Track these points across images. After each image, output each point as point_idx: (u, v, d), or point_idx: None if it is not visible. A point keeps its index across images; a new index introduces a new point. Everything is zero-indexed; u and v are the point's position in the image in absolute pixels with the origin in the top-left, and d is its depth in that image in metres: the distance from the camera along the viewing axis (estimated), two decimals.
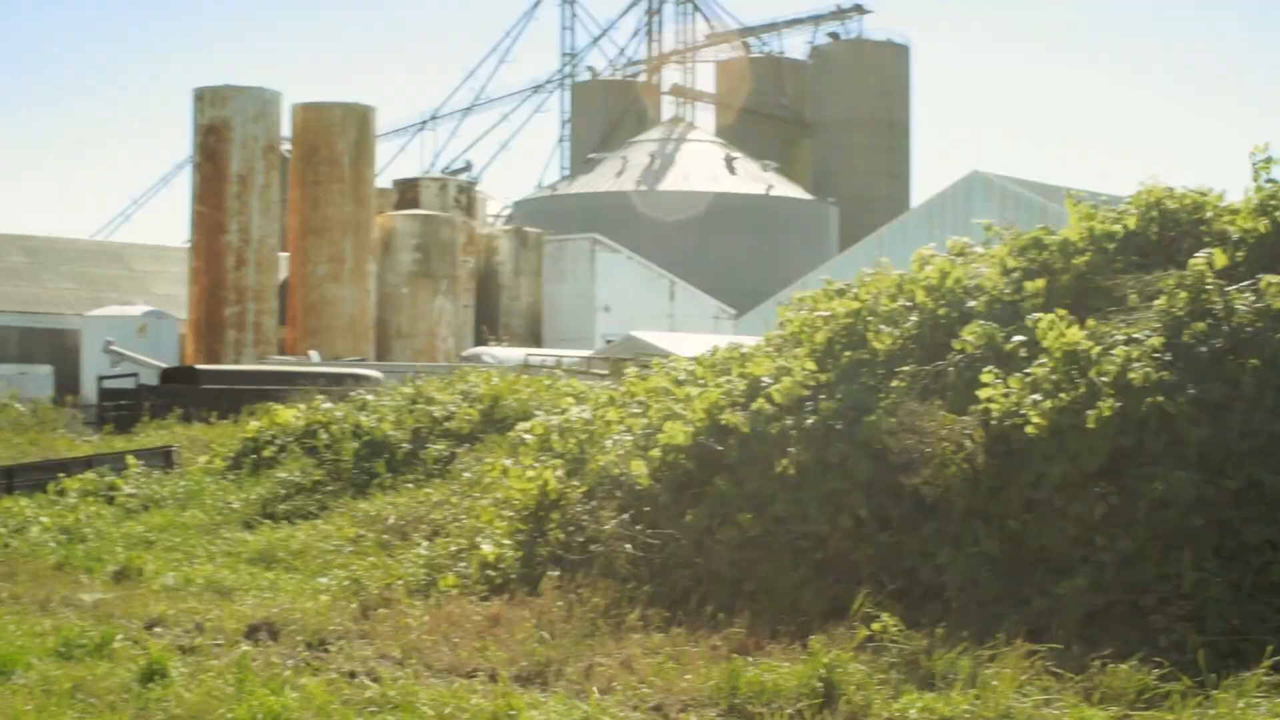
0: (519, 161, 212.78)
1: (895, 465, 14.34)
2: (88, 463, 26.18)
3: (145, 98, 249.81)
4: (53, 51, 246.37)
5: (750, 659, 12.34)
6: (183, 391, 41.35)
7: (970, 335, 15.02)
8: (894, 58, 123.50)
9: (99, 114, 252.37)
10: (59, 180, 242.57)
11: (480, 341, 71.87)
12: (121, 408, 42.14)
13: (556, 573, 14.93)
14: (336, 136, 69.82)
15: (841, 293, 16.92)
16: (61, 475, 25.19)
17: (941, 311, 15.89)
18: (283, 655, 13.38)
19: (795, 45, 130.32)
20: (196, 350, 67.01)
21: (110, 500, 23.58)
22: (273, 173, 68.53)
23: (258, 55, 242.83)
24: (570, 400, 21.29)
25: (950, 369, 14.99)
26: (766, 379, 15.77)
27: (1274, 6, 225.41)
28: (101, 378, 50.76)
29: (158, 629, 14.83)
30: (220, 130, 67.71)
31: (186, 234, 72.20)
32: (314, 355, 59.24)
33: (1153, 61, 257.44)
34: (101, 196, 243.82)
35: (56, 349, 72.42)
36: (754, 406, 15.44)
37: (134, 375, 50.32)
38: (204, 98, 68.63)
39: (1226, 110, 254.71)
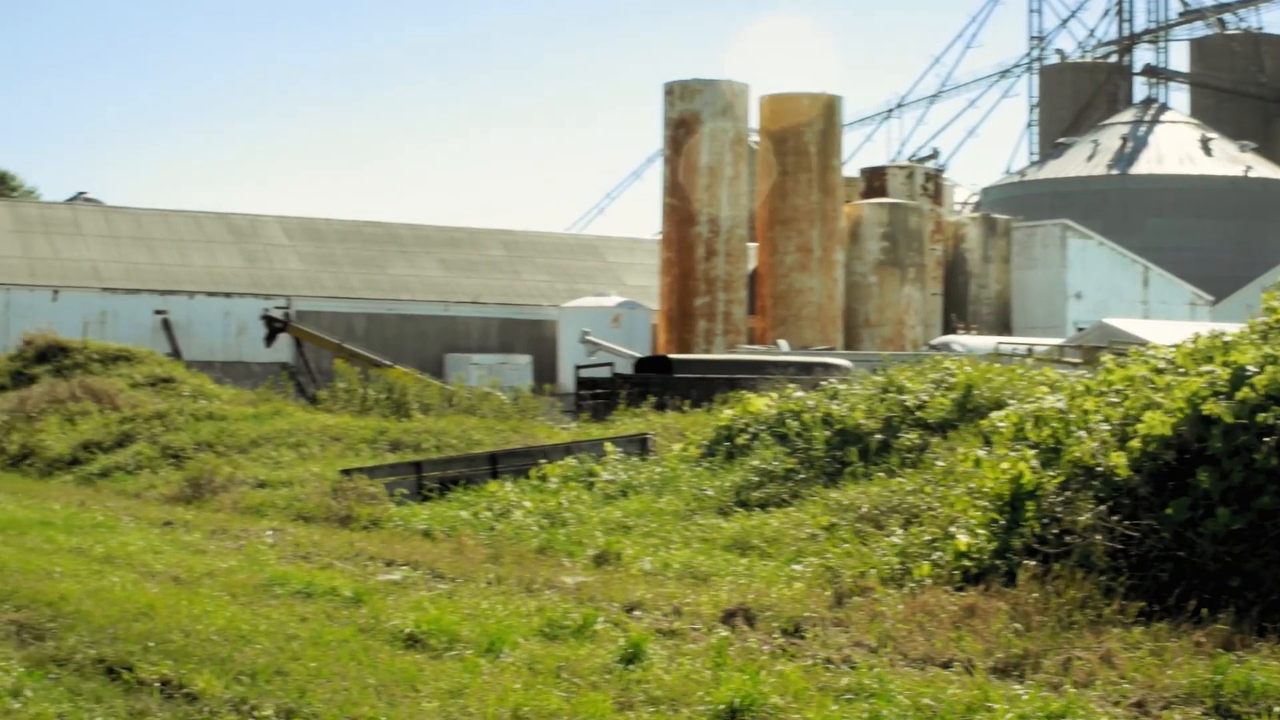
0: (986, 147, 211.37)
1: None
2: (567, 449, 26.91)
3: (617, 93, 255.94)
4: (530, 52, 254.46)
5: (1236, 656, 11.94)
6: (656, 380, 42.13)
7: None
8: None
9: (573, 110, 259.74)
10: (536, 175, 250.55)
11: (948, 330, 71.36)
12: (598, 396, 43.20)
13: (1033, 563, 14.70)
14: (804, 126, 70.17)
15: None
16: (543, 461, 25.99)
17: None
18: (759, 640, 13.52)
19: (1276, 20, 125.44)
20: (668, 340, 68.25)
21: (589, 486, 24.20)
22: (741, 164, 69.30)
23: (726, 48, 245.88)
24: (1044, 389, 20.93)
25: None
26: (1251, 368, 15.21)
27: None
28: (578, 367, 52.18)
29: (636, 612, 15.14)
30: (690, 123, 68.81)
31: (657, 226, 73.65)
32: (783, 344, 59.70)
33: None
34: (576, 190, 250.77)
35: (534, 339, 74.76)
36: (1238, 396, 14.90)
37: (609, 364, 51.55)
38: (673, 92, 69.86)
39: None
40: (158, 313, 69.18)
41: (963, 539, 15.87)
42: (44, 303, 66.77)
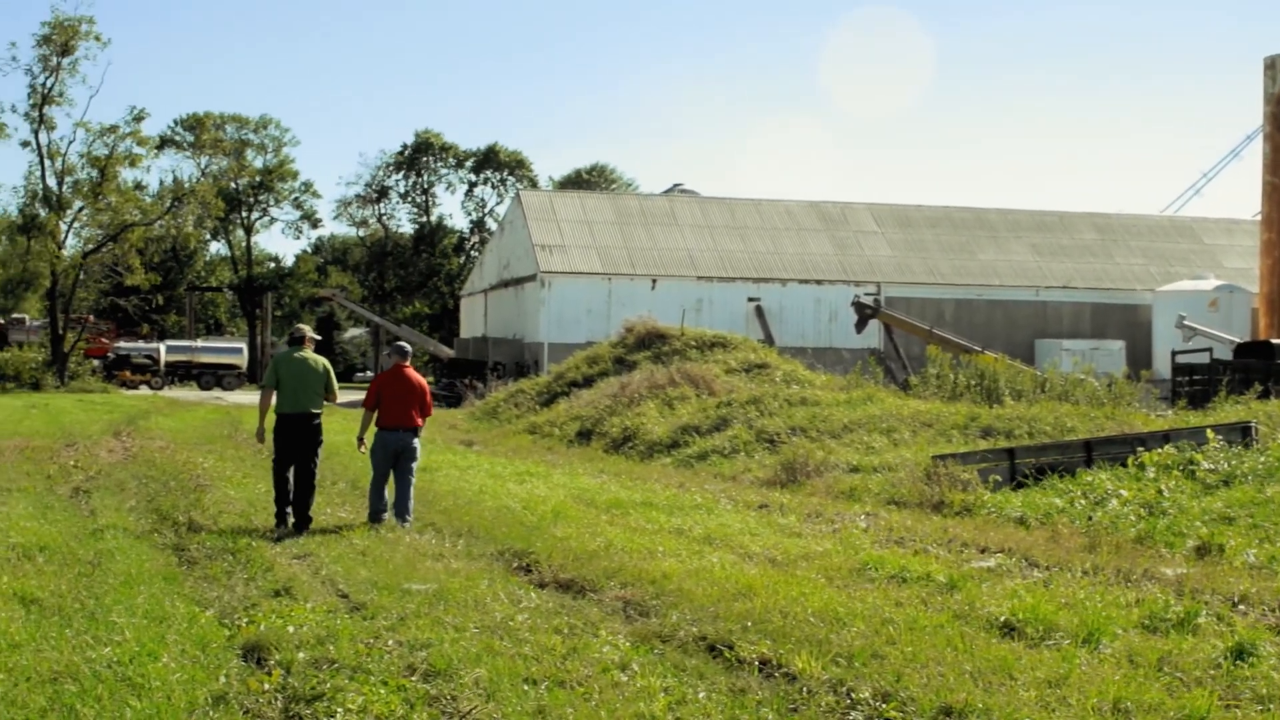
0: None
1: None
2: (1165, 437, 26.17)
3: (1214, 69, 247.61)
4: (1127, 28, 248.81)
5: None
6: (1258, 366, 40.70)
7: None
8: None
9: (1167, 88, 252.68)
10: (1129, 156, 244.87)
11: None
12: (1195, 382, 42.05)
13: None
14: None
15: None
16: (1140, 449, 25.38)
17: None
18: None
19: None
20: (1269, 324, 65.85)
21: (1189, 475, 23.50)
22: None
23: None
24: None
25: None
26: None
27: None
28: (1175, 352, 50.91)
29: (1242, 606, 14.64)
30: None
31: (1257, 206, 71.06)
32: None
33: None
34: (1171, 171, 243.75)
35: (1128, 324, 73.32)
36: None
37: (1207, 350, 50.10)
38: (1274, 65, 67.26)
39: None
40: (751, 300, 70.88)
41: None
42: (643, 291, 69.36)
